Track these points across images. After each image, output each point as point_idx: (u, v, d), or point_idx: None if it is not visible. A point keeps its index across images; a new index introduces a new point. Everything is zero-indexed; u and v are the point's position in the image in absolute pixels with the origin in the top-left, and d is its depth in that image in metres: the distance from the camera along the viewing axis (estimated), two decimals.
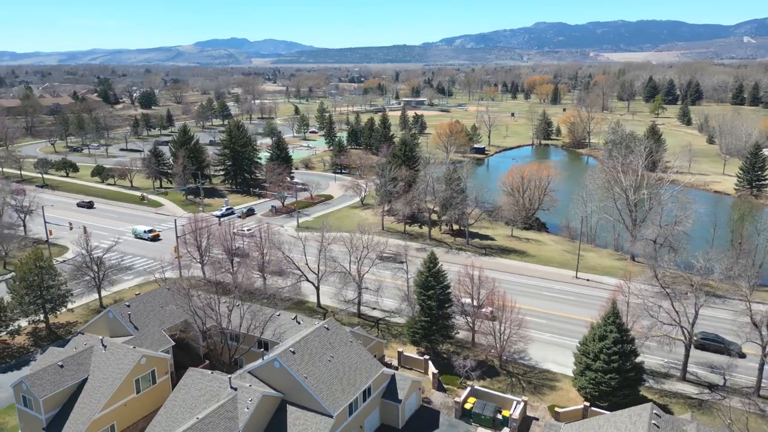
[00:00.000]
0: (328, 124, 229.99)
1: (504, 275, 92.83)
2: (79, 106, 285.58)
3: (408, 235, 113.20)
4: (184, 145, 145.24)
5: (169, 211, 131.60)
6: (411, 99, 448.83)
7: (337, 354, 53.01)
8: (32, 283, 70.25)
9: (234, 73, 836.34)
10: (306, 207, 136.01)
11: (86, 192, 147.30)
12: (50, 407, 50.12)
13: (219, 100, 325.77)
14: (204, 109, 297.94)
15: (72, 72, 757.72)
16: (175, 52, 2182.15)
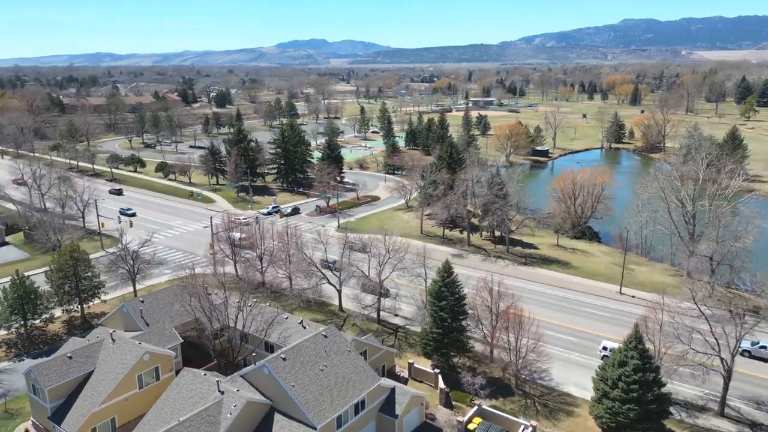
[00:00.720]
0: (387, 124, 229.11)
1: (541, 287, 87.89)
2: (158, 105, 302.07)
3: (447, 240, 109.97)
4: (239, 144, 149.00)
5: (220, 207, 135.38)
6: (479, 99, 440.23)
7: (331, 363, 51.46)
8: (67, 273, 73.79)
9: (310, 73, 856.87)
10: (351, 207, 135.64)
11: (148, 187, 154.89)
12: (55, 397, 51.92)
13: (287, 100, 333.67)
14: (272, 108, 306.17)
15: (161, 73, 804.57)
16: (258, 53, 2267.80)
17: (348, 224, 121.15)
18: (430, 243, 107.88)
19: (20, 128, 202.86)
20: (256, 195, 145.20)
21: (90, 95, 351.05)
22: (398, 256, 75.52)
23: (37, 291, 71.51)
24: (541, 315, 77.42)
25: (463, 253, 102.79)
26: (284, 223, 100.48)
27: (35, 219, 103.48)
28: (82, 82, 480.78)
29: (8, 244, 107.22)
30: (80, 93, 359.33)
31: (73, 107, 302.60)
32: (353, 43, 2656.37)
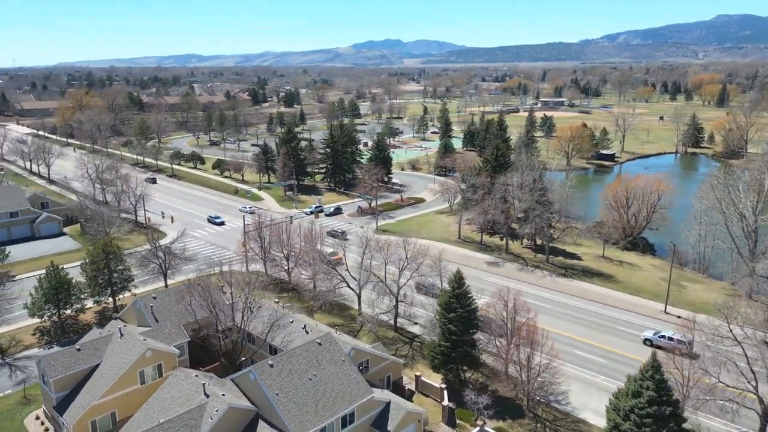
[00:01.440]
0: (444, 124, 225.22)
1: (577, 301, 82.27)
2: (227, 104, 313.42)
3: (484, 246, 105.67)
4: (288, 144, 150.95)
5: (266, 205, 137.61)
6: (549, 99, 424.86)
7: (322, 373, 49.89)
8: (99, 266, 76.80)
9: (382, 73, 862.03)
10: (394, 209, 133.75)
11: (203, 183, 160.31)
12: (60, 387, 53.56)
13: (351, 100, 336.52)
14: (334, 108, 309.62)
15: (239, 73, 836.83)
16: (334, 54, 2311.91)
17: (367, 227, 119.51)
18: (466, 249, 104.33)
19: (97, 125, 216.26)
20: (304, 194, 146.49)
21: (168, 94, 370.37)
22: (417, 262, 72.31)
23: (70, 282, 74.74)
24: (571, 331, 72.57)
25: (500, 261, 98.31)
26: (316, 223, 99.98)
27: (89, 211, 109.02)
28: (164, 82, 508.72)
29: (65, 234, 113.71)
30: (159, 92, 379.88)
31: (151, 106, 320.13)
32: (427, 43, 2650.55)
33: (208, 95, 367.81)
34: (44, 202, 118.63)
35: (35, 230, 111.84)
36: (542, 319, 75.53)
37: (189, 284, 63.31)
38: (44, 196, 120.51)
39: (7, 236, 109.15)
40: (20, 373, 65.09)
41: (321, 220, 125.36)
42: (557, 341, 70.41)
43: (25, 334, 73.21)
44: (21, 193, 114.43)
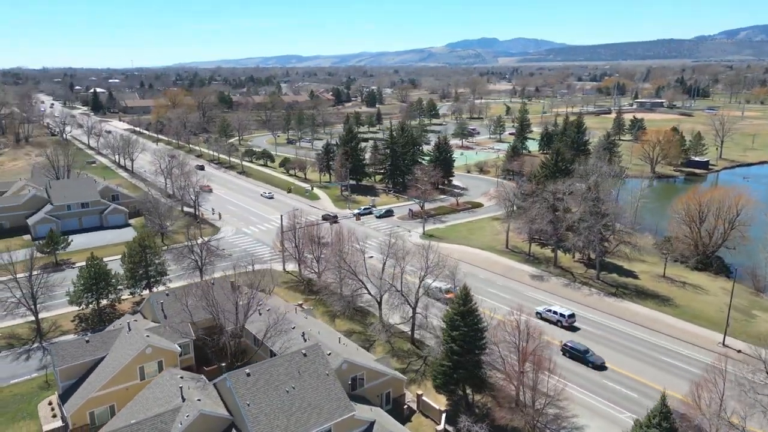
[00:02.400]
0: (520, 125, 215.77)
1: (622, 324, 74.47)
2: (310, 104, 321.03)
3: (532, 258, 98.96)
4: (348, 144, 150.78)
5: (322, 205, 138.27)
6: (647, 100, 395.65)
7: (301, 386, 47.98)
8: (135, 260, 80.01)
9: (474, 72, 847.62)
10: (447, 213, 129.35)
11: (267, 180, 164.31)
12: (66, 377, 55.69)
13: (429, 100, 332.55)
14: (412, 108, 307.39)
15: (332, 73, 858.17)
16: (427, 54, 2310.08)
17: (435, 232, 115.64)
18: (512, 260, 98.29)
19: (183, 122, 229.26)
20: (361, 195, 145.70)
21: (257, 94, 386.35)
22: (435, 272, 68.36)
23: (108, 273, 78.43)
24: (609, 360, 65.59)
25: (545, 275, 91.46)
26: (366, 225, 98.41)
27: (149, 204, 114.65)
28: (258, 81, 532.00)
29: (130, 225, 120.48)
30: (250, 92, 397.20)
31: (239, 105, 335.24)
32: (525, 41, 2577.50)
33: (293, 95, 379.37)
34: (114, 194, 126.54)
35: (103, 220, 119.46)
36: (576, 341, 69.24)
37: (187, 286, 63.68)
38: (115, 189, 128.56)
39: (79, 225, 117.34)
40: (50, 357, 68.81)
41: (372, 222, 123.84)
42: (583, 366, 64.09)
43: (66, 320, 77.67)
44: (93, 185, 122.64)
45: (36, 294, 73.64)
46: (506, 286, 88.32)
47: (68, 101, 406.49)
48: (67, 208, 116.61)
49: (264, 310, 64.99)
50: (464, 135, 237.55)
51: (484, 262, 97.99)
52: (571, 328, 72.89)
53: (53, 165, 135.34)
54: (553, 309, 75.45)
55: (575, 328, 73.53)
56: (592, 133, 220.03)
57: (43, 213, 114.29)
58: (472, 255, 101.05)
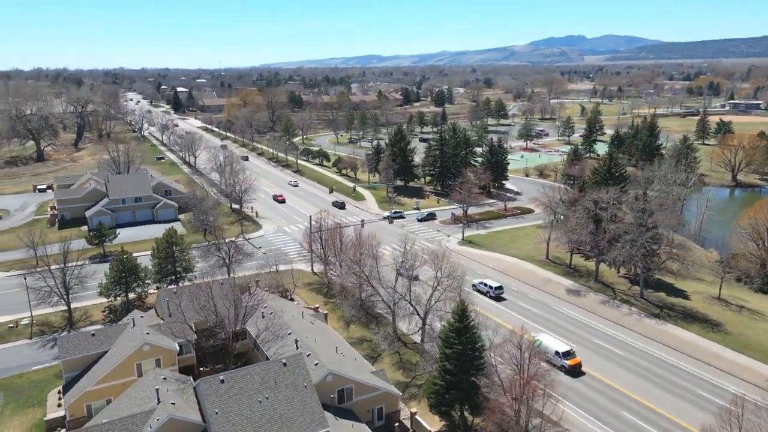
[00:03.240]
0: (588, 127, 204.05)
1: (659, 349, 67.43)
2: (376, 103, 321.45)
3: (573, 270, 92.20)
4: (396, 145, 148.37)
5: (366, 206, 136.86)
6: (742, 101, 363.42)
7: (275, 397, 46.39)
8: (161, 255, 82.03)
9: (556, 71, 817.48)
10: (493, 219, 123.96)
11: (318, 179, 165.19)
12: (69, 369, 57.36)
13: (497, 100, 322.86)
14: (478, 108, 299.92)
15: (407, 73, 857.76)
16: (509, 52, 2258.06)
17: (475, 238, 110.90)
18: (550, 272, 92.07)
19: (249, 121, 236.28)
20: (407, 196, 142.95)
21: (328, 94, 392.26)
22: (444, 284, 64.54)
23: (137, 267, 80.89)
24: (629, 386, 59.77)
25: (583, 290, 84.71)
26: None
27: (195, 200, 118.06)
28: (332, 81, 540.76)
29: (179, 220, 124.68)
30: (321, 92, 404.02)
31: (308, 104, 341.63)
32: (615, 39, 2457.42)
33: (361, 95, 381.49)
34: (167, 189, 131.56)
35: (155, 215, 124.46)
36: (600, 364, 63.55)
37: (193, 285, 63.75)
38: (168, 184, 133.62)
39: (132, 218, 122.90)
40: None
41: (413, 225, 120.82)
42: (604, 395, 58.33)
43: (96, 311, 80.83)
44: (147, 180, 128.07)
45: (68, 284, 77.23)
46: (539, 300, 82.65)
47: (154, 100, 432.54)
48: (122, 202, 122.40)
49: (267, 313, 64.31)
50: (529, 136, 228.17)
51: (520, 272, 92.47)
52: (498, 299, 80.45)
53: (114, 160, 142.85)
54: (485, 281, 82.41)
55: (502, 298, 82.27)
56: (670, 136, 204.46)
57: (100, 206, 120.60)
58: (508, 264, 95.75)
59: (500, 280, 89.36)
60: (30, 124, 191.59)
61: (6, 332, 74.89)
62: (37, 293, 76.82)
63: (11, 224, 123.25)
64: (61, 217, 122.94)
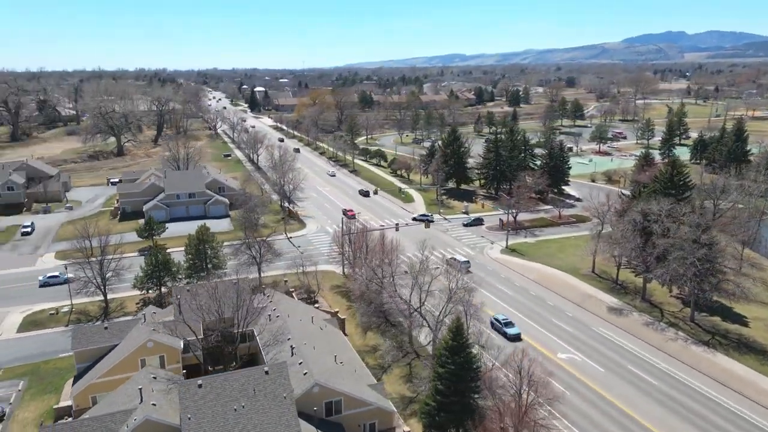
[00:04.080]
0: (669, 130, 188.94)
1: (703, 381, 60.05)
2: (444, 103, 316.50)
3: (620, 286, 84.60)
4: (450, 146, 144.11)
5: (413, 207, 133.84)
6: None
7: (252, 406, 45.10)
8: (192, 251, 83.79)
9: (650, 69, 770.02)
10: (545, 226, 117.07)
11: (371, 179, 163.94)
12: (80, 360, 59.24)
13: (575, 101, 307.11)
14: (552, 109, 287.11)
15: (487, 72, 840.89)
16: (600, 50, 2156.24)
17: (520, 246, 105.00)
18: (592, 286, 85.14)
19: (315, 120, 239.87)
20: (457, 200, 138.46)
21: (399, 93, 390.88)
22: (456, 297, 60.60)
23: (169, 262, 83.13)
24: (658, 423, 53.22)
25: (627, 309, 77.34)
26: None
27: (242, 197, 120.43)
28: (408, 81, 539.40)
29: (228, 216, 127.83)
30: (392, 91, 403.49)
31: (378, 104, 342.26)
32: (720, 34, 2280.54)
33: (432, 94, 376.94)
34: (221, 186, 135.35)
35: (206, 210, 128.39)
36: (626, 392, 57.59)
37: (192, 285, 63.89)
38: (222, 181, 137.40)
39: (186, 213, 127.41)
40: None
41: (457, 230, 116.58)
42: (621, 426, 52.38)
43: (131, 302, 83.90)
44: (202, 177, 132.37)
45: (105, 276, 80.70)
46: (575, 317, 76.41)
47: (235, 99, 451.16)
48: (177, 197, 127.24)
49: (274, 316, 63.51)
50: (602, 139, 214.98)
51: (560, 286, 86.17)
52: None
53: (174, 157, 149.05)
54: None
55: (469, 272, 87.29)
56: (764, 141, 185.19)
57: (157, 200, 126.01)
58: (547, 276, 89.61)
59: (537, 294, 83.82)
60: (112, 120, 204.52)
61: (46, 319, 79.25)
62: (76, 283, 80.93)
63: (80, 214, 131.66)
64: (122, 210, 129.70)
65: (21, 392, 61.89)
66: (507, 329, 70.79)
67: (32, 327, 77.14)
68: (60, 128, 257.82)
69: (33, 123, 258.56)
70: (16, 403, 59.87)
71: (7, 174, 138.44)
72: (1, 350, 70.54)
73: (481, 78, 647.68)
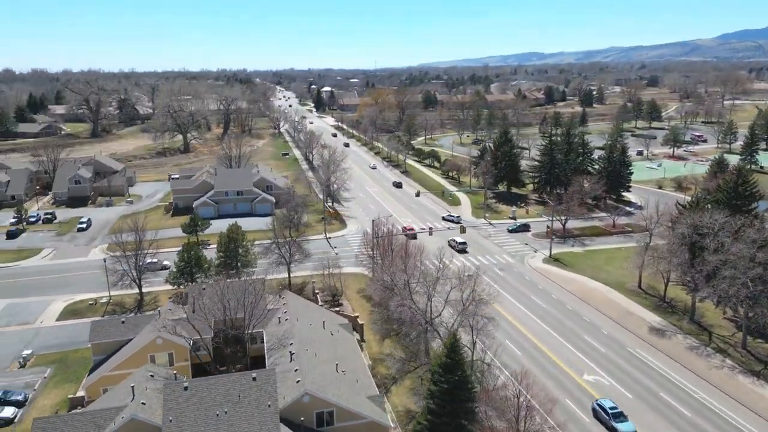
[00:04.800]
0: (750, 133, 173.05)
1: (748, 418, 53.50)
2: (509, 103, 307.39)
3: (666, 304, 77.39)
4: (501, 148, 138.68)
5: (459, 211, 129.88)
6: None
7: (235, 412, 44.31)
8: (222, 249, 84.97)
9: (745, 68, 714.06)
10: (597, 235, 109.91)
11: (420, 180, 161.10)
12: (96, 352, 61.23)
13: (652, 101, 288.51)
14: (624, 109, 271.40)
15: (564, 70, 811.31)
16: (691, 47, 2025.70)
17: (565, 256, 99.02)
18: (635, 303, 78.68)
19: (373, 120, 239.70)
20: (507, 204, 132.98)
21: (465, 93, 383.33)
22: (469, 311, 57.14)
23: (201, 258, 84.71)
24: None
25: (671, 330, 70.47)
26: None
27: (286, 196, 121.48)
28: (476, 80, 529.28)
29: (273, 215, 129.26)
30: (458, 91, 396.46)
31: (441, 104, 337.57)
32: None
33: (498, 94, 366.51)
34: (269, 185, 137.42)
35: (253, 208, 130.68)
36: (653, 422, 52.11)
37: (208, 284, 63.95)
38: (270, 180, 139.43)
39: (233, 210, 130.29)
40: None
41: (501, 236, 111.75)
42: None
43: (164, 296, 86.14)
44: (250, 175, 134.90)
45: (141, 270, 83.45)
46: (611, 336, 70.60)
47: (303, 99, 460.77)
48: (225, 195, 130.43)
49: (283, 319, 62.71)
50: (677, 142, 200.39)
51: (601, 301, 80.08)
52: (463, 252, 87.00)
53: (227, 155, 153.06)
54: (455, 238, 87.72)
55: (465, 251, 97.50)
56: None
57: (206, 197, 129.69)
58: (589, 290, 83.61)
59: (573, 308, 78.41)
60: (179, 119, 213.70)
61: (85, 308, 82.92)
62: (113, 275, 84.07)
63: (137, 208, 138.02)
64: (175, 206, 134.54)
65: (46, 380, 64.68)
66: (617, 424, 51.52)
67: (70, 316, 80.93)
68: (137, 126, 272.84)
69: (113, 121, 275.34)
70: (39, 390, 62.59)
71: (75, 168, 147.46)
72: (39, 337, 74.31)
73: (554, 77, 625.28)
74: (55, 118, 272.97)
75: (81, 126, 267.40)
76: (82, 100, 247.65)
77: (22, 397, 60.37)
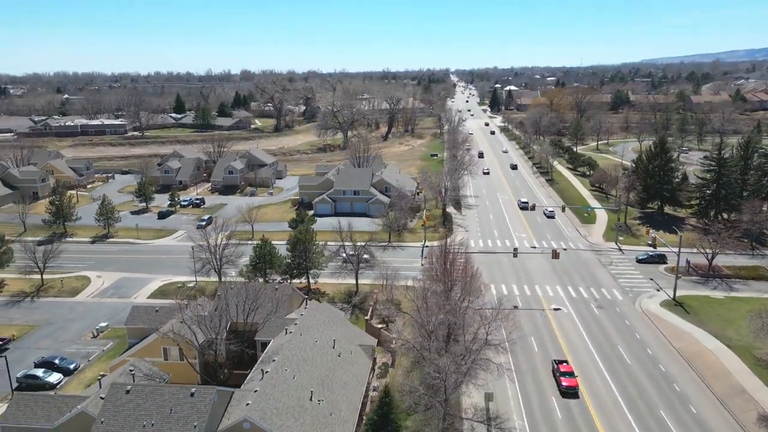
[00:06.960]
0: None
1: None
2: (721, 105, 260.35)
3: None
4: (653, 161, 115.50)
5: (591, 231, 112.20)
6: None
7: (161, 426, 42.62)
8: (293, 248, 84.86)
9: None
10: (754, 278, 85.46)
11: (561, 192, 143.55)
12: (131, 335, 65.37)
13: None
14: None
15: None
16: None
17: (693, 300, 78.54)
18: (759, 377, 58.16)
19: (536, 121, 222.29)
20: (654, 227, 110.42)
21: (668, 92, 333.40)
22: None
23: (273, 255, 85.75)
24: None
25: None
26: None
27: (395, 199, 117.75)
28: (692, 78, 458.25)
29: (386, 217, 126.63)
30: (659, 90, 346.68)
31: (633, 104, 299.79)
32: None
33: (710, 94, 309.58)
34: (387, 186, 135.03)
35: (368, 209, 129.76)
36: None
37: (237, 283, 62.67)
38: (388, 181, 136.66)
39: (350, 209, 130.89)
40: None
41: (624, 264, 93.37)
42: None
43: None
44: (369, 176, 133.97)
45: (221, 260, 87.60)
46: (701, 418, 53.25)
47: (483, 98, 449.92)
48: (343, 193, 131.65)
49: (289, 331, 59.21)
50: None
51: (709, 367, 61.04)
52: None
53: (355, 154, 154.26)
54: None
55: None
56: None
57: (326, 194, 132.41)
58: (700, 352, 64.39)
59: (667, 371, 61.19)
60: (340, 117, 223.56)
61: (173, 290, 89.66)
62: (198, 261, 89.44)
63: (273, 200, 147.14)
64: (301, 200, 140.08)
65: (104, 353, 70.86)
66: None
67: (159, 295, 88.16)
68: (314, 122, 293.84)
69: (297, 117, 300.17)
70: (93, 362, 68.73)
71: (230, 160, 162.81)
72: (125, 312, 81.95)
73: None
74: (250, 114, 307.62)
75: (269, 121, 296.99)
76: (268, 97, 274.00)
77: (73, 366, 66.86)
